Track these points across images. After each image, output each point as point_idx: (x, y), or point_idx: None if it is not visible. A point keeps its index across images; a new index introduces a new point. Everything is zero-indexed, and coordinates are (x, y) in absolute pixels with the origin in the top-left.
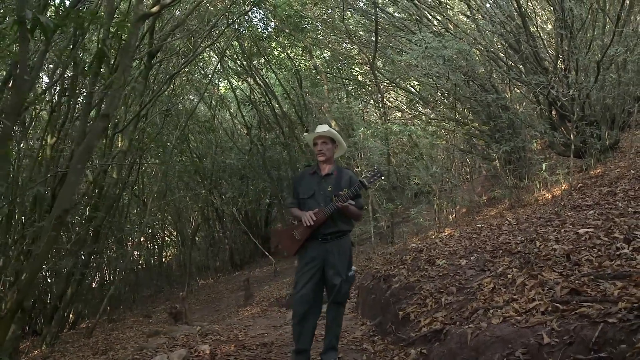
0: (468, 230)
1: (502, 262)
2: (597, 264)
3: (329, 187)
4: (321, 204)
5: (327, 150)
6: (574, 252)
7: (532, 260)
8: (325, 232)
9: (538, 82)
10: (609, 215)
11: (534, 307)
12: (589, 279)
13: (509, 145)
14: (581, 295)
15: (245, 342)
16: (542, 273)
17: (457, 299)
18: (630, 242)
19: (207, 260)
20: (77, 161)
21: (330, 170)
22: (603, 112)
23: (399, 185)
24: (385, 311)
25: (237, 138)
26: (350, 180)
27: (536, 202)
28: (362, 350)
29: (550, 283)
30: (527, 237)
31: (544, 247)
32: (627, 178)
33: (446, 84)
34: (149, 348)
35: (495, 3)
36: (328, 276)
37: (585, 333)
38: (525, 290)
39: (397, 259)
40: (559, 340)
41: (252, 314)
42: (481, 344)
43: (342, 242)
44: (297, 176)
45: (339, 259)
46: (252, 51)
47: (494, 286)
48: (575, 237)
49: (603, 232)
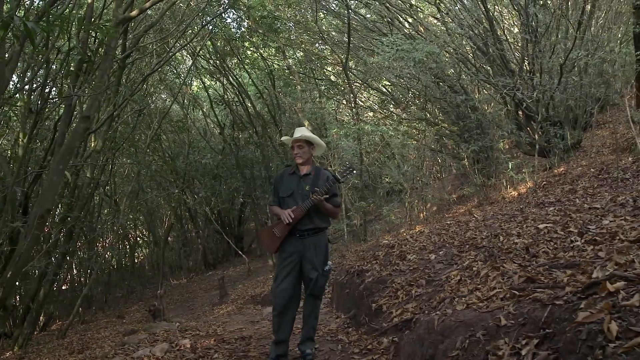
0: (437, 227)
1: (469, 256)
2: (552, 255)
3: (307, 187)
4: (299, 202)
5: (303, 153)
6: (533, 245)
7: (495, 253)
8: (303, 228)
9: (505, 84)
10: (566, 211)
11: (494, 294)
12: (544, 269)
13: (477, 145)
14: (535, 282)
15: (224, 336)
16: (504, 264)
17: (426, 291)
18: (583, 235)
19: (180, 260)
20: (58, 162)
21: (309, 171)
22: (566, 113)
23: (371, 184)
24: (359, 304)
25: (210, 137)
26: (327, 179)
27: (503, 199)
28: (337, 341)
29: (509, 273)
30: (492, 232)
31: (506, 241)
32: (587, 176)
33: (417, 85)
34: (131, 343)
35: (464, 6)
36: (305, 270)
37: (536, 314)
38: (488, 281)
39: (370, 255)
40: (514, 322)
41: (228, 312)
42: (446, 328)
43: (319, 238)
44: (278, 176)
45: (316, 254)
46: (225, 51)
47: (460, 278)
48: (535, 232)
49: (560, 227)
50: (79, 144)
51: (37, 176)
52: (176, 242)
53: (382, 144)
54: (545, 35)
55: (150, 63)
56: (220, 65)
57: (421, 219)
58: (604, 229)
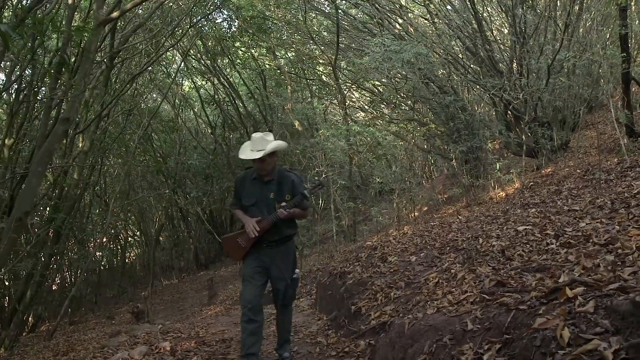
0: (421, 228)
1: (448, 258)
2: (526, 258)
3: (272, 194)
4: (264, 211)
5: (268, 165)
6: (510, 247)
7: (473, 256)
8: (271, 239)
9: (493, 85)
10: (547, 213)
11: (465, 298)
12: (516, 272)
13: (465, 146)
14: (505, 286)
15: (206, 338)
16: (479, 267)
17: (405, 293)
18: (559, 238)
19: (172, 260)
20: (37, 164)
21: (272, 176)
22: (554, 113)
23: (361, 185)
24: (340, 306)
25: (201, 137)
26: (293, 185)
27: (491, 200)
28: (316, 343)
29: (482, 276)
30: (473, 234)
31: (485, 243)
32: (573, 177)
33: (405, 86)
34: (110, 346)
35: (453, 7)
36: (273, 280)
37: (501, 319)
38: (463, 283)
39: (353, 256)
40: (480, 327)
41: (216, 313)
42: (416, 332)
43: (287, 247)
44: (238, 179)
45: (284, 264)
46: (215, 50)
47: (438, 280)
48: (514, 234)
49: (538, 229)
50: (58, 146)
51: (23, 177)
52: (168, 242)
53: (372, 143)
54: (533, 36)
55: (140, 63)
56: (211, 65)
57: (410, 220)
58: (579, 232)
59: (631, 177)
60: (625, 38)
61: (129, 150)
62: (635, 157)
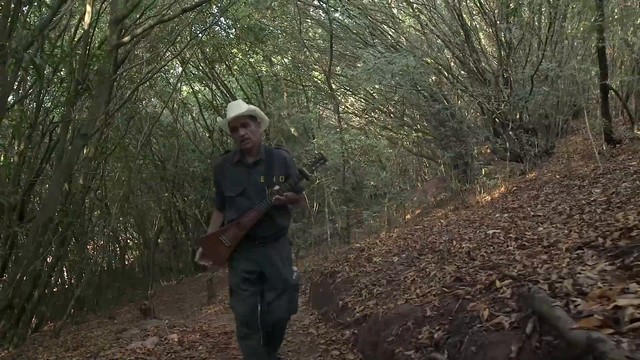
0: (405, 231)
1: (426, 258)
2: (487, 258)
3: (261, 178)
4: (255, 200)
5: (252, 133)
6: (476, 249)
7: (445, 256)
8: (264, 234)
9: (481, 93)
10: (515, 218)
11: (429, 291)
12: (474, 270)
13: (453, 152)
14: (462, 281)
15: (209, 331)
16: (447, 266)
17: (386, 290)
18: (518, 240)
19: (170, 262)
20: (59, 175)
21: (259, 156)
22: (540, 120)
23: (356, 188)
24: (330, 302)
25: (198, 141)
26: (285, 163)
27: (477, 204)
28: (308, 334)
29: (447, 273)
30: (449, 237)
31: (457, 245)
32: (552, 183)
33: (394, 97)
34: (124, 338)
35: (442, 18)
36: (268, 286)
37: (451, 307)
38: (432, 280)
39: (342, 257)
40: (437, 313)
41: (215, 311)
42: (388, 319)
43: (282, 243)
44: (216, 166)
45: (283, 264)
46: (214, 57)
47: (414, 278)
48: (484, 237)
49: (504, 233)
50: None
51: (32, 183)
52: (166, 244)
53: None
54: (518, 48)
55: (141, 70)
56: (209, 72)
57: (401, 223)
58: (535, 235)
59: (602, 183)
60: (603, 51)
61: (129, 155)
62: (607, 164)
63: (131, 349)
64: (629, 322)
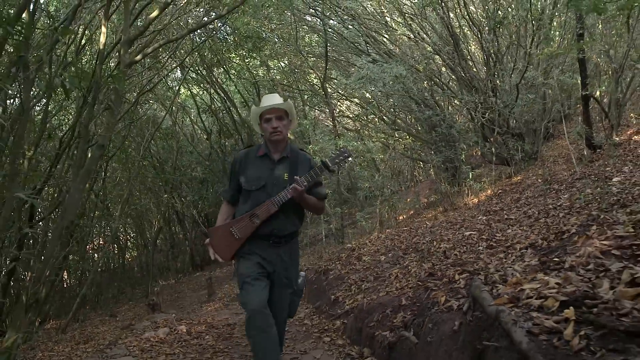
0: (393, 232)
1: (409, 257)
2: (459, 257)
3: (285, 175)
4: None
5: (284, 127)
6: (451, 249)
7: (425, 255)
8: (279, 234)
9: (470, 100)
10: (490, 221)
11: (407, 284)
12: (445, 267)
13: (442, 156)
14: (434, 276)
15: (214, 323)
16: (425, 264)
17: (373, 285)
18: (488, 241)
19: (169, 261)
20: (79, 182)
21: (285, 153)
22: (527, 125)
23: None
24: (323, 296)
25: (197, 143)
26: (310, 166)
27: (465, 206)
28: (303, 325)
29: (423, 270)
30: (432, 238)
31: (437, 245)
32: (535, 186)
33: (387, 103)
34: (137, 329)
35: (432, 28)
36: (274, 290)
37: (420, 296)
38: (411, 276)
39: (335, 256)
40: (410, 302)
41: (216, 308)
42: (371, 308)
43: (294, 245)
44: (238, 159)
45: (292, 267)
46: (212, 61)
47: (397, 274)
48: (460, 238)
49: (478, 234)
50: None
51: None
52: (165, 244)
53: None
54: (504, 56)
55: (142, 76)
56: (207, 76)
57: (392, 224)
58: (503, 237)
59: (577, 187)
60: (583, 62)
61: (129, 157)
62: (585, 169)
63: (145, 337)
64: (525, 299)
